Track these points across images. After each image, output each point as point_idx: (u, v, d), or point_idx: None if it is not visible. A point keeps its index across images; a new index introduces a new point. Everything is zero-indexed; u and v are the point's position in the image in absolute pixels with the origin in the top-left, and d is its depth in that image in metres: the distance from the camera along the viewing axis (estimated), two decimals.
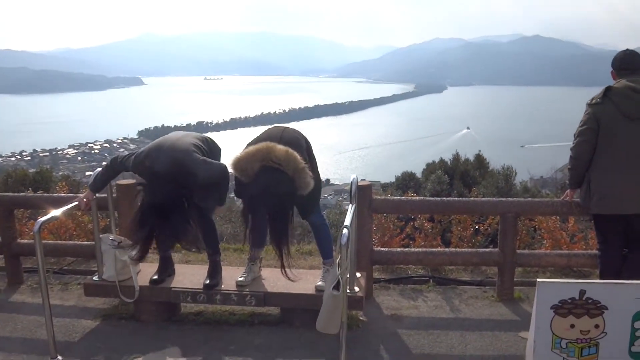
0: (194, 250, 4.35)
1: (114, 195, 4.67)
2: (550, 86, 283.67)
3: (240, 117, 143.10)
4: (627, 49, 4.17)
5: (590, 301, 2.98)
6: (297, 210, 3.82)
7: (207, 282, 4.14)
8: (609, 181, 3.99)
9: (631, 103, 3.86)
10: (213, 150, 4.04)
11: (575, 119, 4.26)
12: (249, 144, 3.57)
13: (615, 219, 4.05)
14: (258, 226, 3.88)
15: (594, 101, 4.00)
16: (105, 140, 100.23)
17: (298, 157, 3.41)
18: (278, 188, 3.35)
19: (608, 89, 3.96)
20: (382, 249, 5.13)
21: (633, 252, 4.16)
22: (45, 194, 6.50)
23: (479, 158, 15.04)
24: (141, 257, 3.74)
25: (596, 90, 4.13)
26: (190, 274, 4.40)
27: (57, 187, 8.09)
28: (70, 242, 5.91)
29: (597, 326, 3.02)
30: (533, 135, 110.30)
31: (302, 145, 3.71)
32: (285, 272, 3.54)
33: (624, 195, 3.95)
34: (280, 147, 3.43)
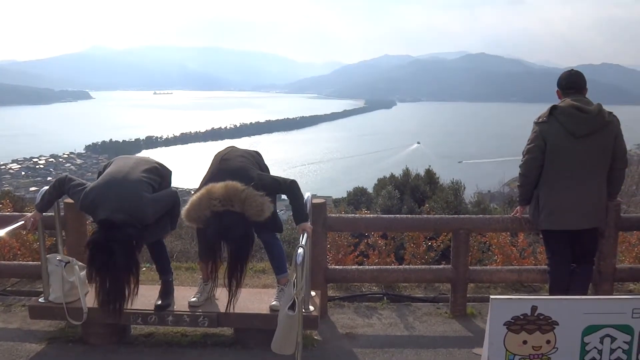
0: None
1: (62, 214, 4.53)
2: (496, 102, 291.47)
3: (190, 132, 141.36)
4: (572, 69, 4.31)
5: (541, 317, 3.03)
6: (254, 229, 3.79)
7: (159, 302, 4.04)
8: (556, 197, 4.09)
9: (576, 122, 3.98)
10: (164, 177, 3.97)
11: (520, 133, 4.38)
12: (195, 191, 3.57)
13: (563, 234, 4.16)
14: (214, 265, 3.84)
15: (540, 120, 4.11)
16: (50, 155, 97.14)
17: (238, 186, 3.40)
18: (232, 233, 3.36)
19: (554, 108, 4.07)
20: (337, 267, 5.12)
21: (580, 266, 4.27)
22: None
23: (429, 173, 15.25)
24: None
25: (539, 106, 4.25)
26: (140, 295, 4.22)
27: (0, 205, 7.75)
28: (15, 262, 5.67)
29: (548, 342, 3.06)
30: (480, 150, 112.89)
31: (244, 166, 3.70)
32: (230, 307, 3.59)
33: (571, 211, 4.07)
34: (219, 184, 3.42)
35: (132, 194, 3.55)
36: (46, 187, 3.97)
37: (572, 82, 4.19)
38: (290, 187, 3.72)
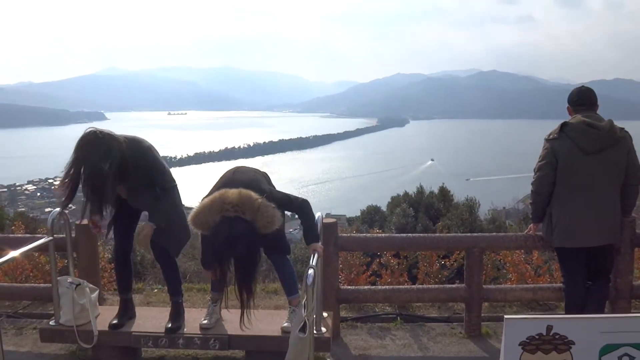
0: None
1: (73, 235, 4.54)
2: (508, 119, 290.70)
3: (204, 152, 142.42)
4: (583, 86, 4.29)
5: (557, 336, 2.98)
6: (263, 249, 3.77)
7: (169, 325, 4.01)
8: (569, 214, 4.05)
9: (587, 138, 3.95)
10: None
11: (533, 150, 4.35)
12: (205, 196, 3.54)
13: (578, 251, 4.11)
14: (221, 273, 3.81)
15: (551, 136, 4.09)
16: None
17: (252, 195, 3.39)
18: (241, 240, 3.31)
19: (564, 125, 4.05)
20: (349, 287, 5.09)
21: (596, 284, 4.22)
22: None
23: (443, 190, 15.19)
24: None
25: (551, 123, 4.23)
26: (151, 317, 4.27)
27: (13, 227, 7.81)
28: (26, 284, 5.69)
29: None
30: (492, 167, 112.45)
31: (257, 179, 3.69)
32: (243, 321, 3.53)
33: (585, 228, 4.03)
34: (233, 190, 3.41)
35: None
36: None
37: (582, 99, 4.16)
38: (301, 206, 3.71)
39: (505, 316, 2.98)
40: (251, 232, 3.35)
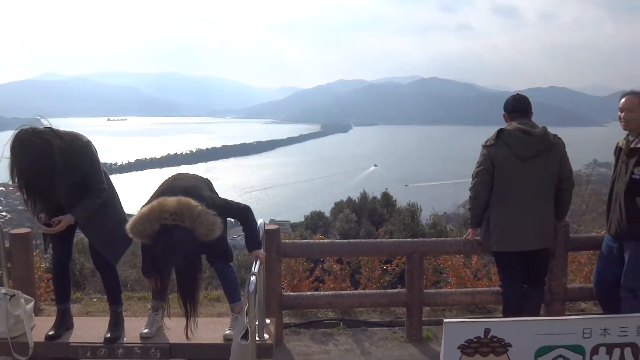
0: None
1: (7, 245, 4.36)
2: (449, 125, 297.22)
3: (145, 158, 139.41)
4: (518, 94, 4.42)
5: (495, 339, 3.03)
6: (206, 256, 3.71)
7: (108, 335, 3.89)
8: (506, 219, 4.16)
9: (522, 144, 4.06)
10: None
11: (472, 156, 4.44)
12: (144, 204, 3.44)
13: (514, 255, 4.22)
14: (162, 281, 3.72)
15: (488, 143, 4.19)
16: (0, 184, 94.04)
17: (192, 202, 3.32)
18: (181, 248, 3.23)
19: (501, 131, 4.16)
20: (292, 293, 5.07)
21: (532, 287, 4.34)
22: None
23: (386, 196, 15.40)
24: None
25: (491, 129, 4.33)
26: (90, 327, 4.13)
27: None
28: None
29: None
30: (433, 172, 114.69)
31: (197, 186, 3.63)
32: (187, 330, 3.45)
33: (521, 233, 4.13)
34: (172, 198, 3.33)
35: None
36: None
37: (517, 106, 4.28)
38: (242, 213, 3.67)
39: (445, 320, 3.02)
40: (191, 240, 3.27)
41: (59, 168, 3.46)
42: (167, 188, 3.57)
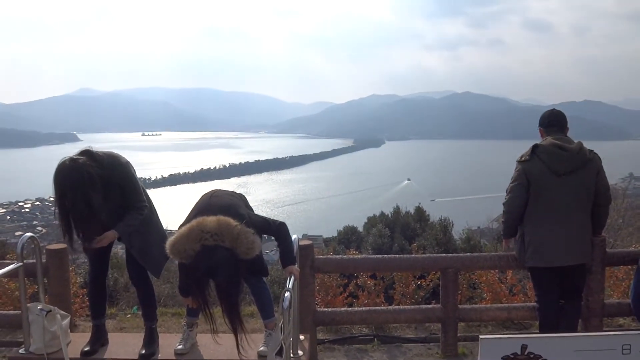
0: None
1: (43, 260, 4.46)
2: (482, 140, 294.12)
3: (179, 173, 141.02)
4: (554, 109, 4.40)
5: (532, 356, 3.00)
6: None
7: (143, 352, 3.96)
8: (541, 235, 4.12)
9: (558, 160, 4.04)
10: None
11: (506, 170, 4.42)
12: (182, 224, 3.49)
13: (550, 271, 4.17)
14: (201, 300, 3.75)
15: (523, 158, 4.17)
16: (36, 199, 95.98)
17: (231, 222, 3.34)
18: (222, 269, 3.25)
19: (536, 147, 4.14)
20: (326, 309, 5.09)
21: (568, 302, 4.28)
22: None
23: (419, 210, 15.28)
24: None
25: (524, 143, 4.31)
26: (124, 343, 4.20)
27: None
28: None
29: None
30: (467, 186, 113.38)
31: (235, 203, 3.66)
32: (239, 347, 3.45)
33: (556, 248, 4.10)
34: (211, 218, 3.35)
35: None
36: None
37: (553, 121, 4.27)
38: (279, 230, 3.70)
39: (481, 336, 3.01)
40: (232, 260, 3.29)
41: (101, 197, 3.57)
42: (205, 206, 3.59)
